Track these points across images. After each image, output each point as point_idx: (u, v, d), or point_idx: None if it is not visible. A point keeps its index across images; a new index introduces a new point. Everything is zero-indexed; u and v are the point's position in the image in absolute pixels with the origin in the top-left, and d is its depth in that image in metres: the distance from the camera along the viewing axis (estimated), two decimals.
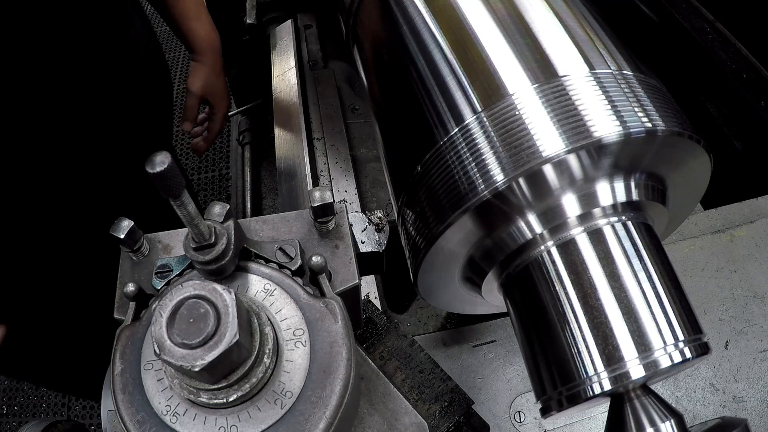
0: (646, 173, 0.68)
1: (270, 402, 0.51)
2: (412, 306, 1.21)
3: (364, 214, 0.86)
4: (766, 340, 1.01)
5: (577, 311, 0.62)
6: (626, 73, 0.67)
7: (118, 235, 0.58)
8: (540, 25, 0.72)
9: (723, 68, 1.42)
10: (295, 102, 1.32)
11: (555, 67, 0.67)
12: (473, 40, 0.73)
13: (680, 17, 1.53)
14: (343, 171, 1.40)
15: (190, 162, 3.57)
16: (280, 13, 1.61)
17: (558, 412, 0.63)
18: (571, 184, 0.64)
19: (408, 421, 0.64)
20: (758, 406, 0.96)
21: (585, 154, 0.61)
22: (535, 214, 0.66)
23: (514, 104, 0.65)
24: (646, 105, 0.64)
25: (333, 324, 0.54)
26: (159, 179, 0.43)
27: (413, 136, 0.76)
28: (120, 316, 0.59)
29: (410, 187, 0.73)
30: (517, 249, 0.68)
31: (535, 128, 0.62)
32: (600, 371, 0.59)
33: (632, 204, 0.67)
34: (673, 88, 0.75)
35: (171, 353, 0.44)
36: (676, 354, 0.58)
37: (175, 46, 4.31)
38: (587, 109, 0.62)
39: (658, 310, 0.60)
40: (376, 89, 0.95)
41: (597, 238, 0.65)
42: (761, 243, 1.11)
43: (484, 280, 0.74)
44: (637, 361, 0.58)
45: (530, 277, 0.67)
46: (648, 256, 0.64)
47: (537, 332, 0.66)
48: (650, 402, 0.60)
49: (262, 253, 0.59)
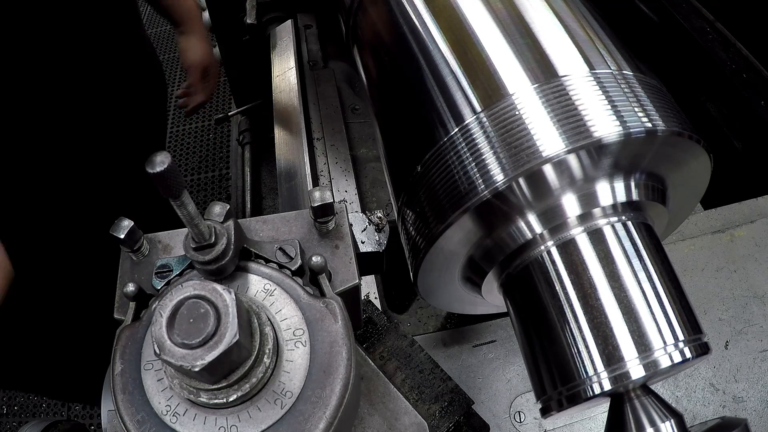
0: (646, 173, 0.68)
1: (270, 402, 0.51)
2: (412, 306, 1.21)
3: (364, 214, 0.86)
4: (766, 340, 1.01)
5: (577, 311, 0.62)
6: (626, 73, 0.67)
7: (118, 235, 0.58)
8: (540, 25, 0.72)
9: (723, 68, 1.42)
10: (295, 102, 1.32)
11: (555, 67, 0.67)
12: (473, 40, 0.73)
13: (680, 17, 1.53)
14: (343, 171, 1.40)
15: (189, 162, 3.57)
16: (280, 13, 1.61)
17: (558, 412, 0.63)
18: (571, 184, 0.64)
19: (408, 421, 0.64)
20: (758, 406, 0.96)
21: (585, 154, 0.61)
22: (535, 214, 0.66)
23: (514, 104, 0.64)
24: (646, 105, 0.64)
25: (333, 324, 0.54)
26: (159, 179, 0.43)
27: (413, 135, 0.76)
28: (120, 316, 0.59)
29: (410, 187, 0.73)
30: (517, 249, 0.68)
31: (535, 128, 0.62)
32: (600, 371, 0.59)
33: (632, 204, 0.67)
34: (673, 88, 0.75)
35: (171, 353, 0.44)
36: (676, 354, 0.58)
37: (173, 48, 4.31)
38: (587, 109, 0.62)
39: (658, 310, 0.60)
40: (376, 89, 0.94)
41: (597, 238, 0.65)
42: (761, 243, 1.11)
43: (484, 280, 0.74)
44: (637, 361, 0.58)
45: (530, 277, 0.67)
46: (648, 256, 0.64)
47: (537, 332, 0.66)
48: (650, 402, 0.59)
49: (262, 253, 0.59)
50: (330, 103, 1.55)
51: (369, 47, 0.97)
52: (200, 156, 3.59)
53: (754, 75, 1.39)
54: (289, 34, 1.52)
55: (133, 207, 1.01)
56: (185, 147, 3.66)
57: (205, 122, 3.78)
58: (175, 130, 3.78)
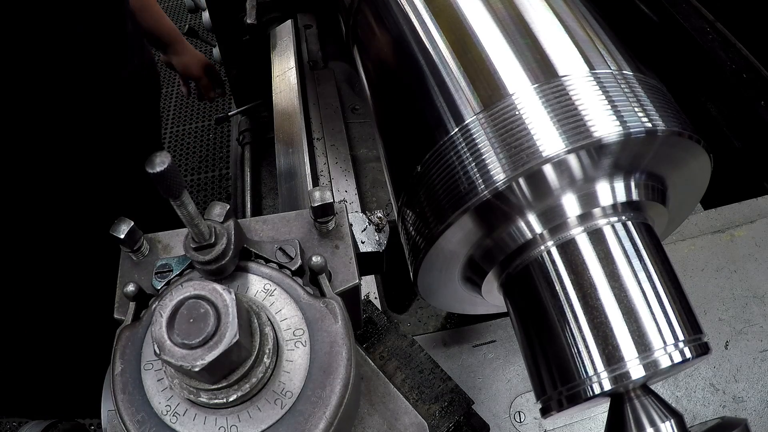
0: (646, 173, 0.68)
1: (270, 402, 0.51)
2: (412, 306, 1.21)
3: (364, 214, 0.86)
4: (766, 340, 1.01)
5: (577, 311, 0.62)
6: (626, 73, 0.67)
7: (118, 235, 0.58)
8: (540, 25, 0.72)
9: (723, 68, 1.42)
10: (295, 102, 1.32)
11: (555, 67, 0.67)
12: (473, 40, 0.73)
13: (680, 17, 1.53)
14: (343, 171, 1.41)
15: (189, 162, 3.57)
16: (280, 14, 1.61)
17: (558, 412, 0.63)
18: (571, 184, 0.64)
19: (408, 421, 0.63)
20: (758, 406, 0.96)
21: (585, 154, 0.61)
22: (535, 214, 0.66)
23: (514, 104, 0.65)
24: (646, 105, 0.64)
25: (333, 324, 0.54)
26: (159, 179, 0.43)
27: (413, 135, 0.76)
28: (120, 316, 0.59)
29: (410, 187, 0.73)
30: (517, 249, 0.68)
31: (535, 128, 0.62)
32: (600, 371, 0.59)
33: (632, 204, 0.67)
34: (673, 88, 0.75)
35: (171, 353, 0.44)
36: (676, 354, 0.58)
37: None
38: (587, 109, 0.62)
39: (658, 310, 0.60)
40: (375, 89, 0.94)
41: (597, 238, 0.65)
42: (761, 243, 1.11)
43: (484, 280, 0.74)
44: (637, 361, 0.58)
45: (530, 277, 0.67)
46: (648, 256, 0.64)
47: (537, 332, 0.66)
48: (650, 402, 0.60)
49: (262, 253, 0.59)
50: (330, 103, 1.55)
51: (369, 47, 0.97)
52: (200, 156, 3.60)
53: (754, 75, 1.39)
54: (289, 34, 1.52)
55: (130, 207, 1.01)
56: (185, 147, 3.65)
57: (205, 122, 3.78)
58: (175, 130, 3.78)
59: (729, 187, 1.28)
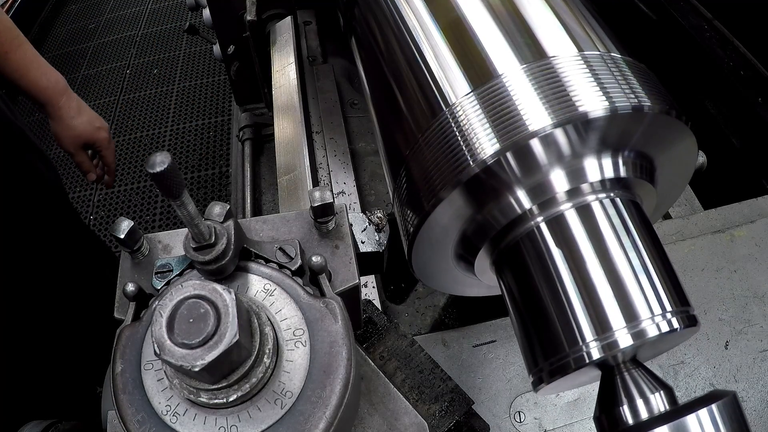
0: (634, 152, 0.69)
1: (270, 402, 0.51)
2: (409, 297, 1.21)
3: (364, 214, 0.86)
4: (766, 340, 1.01)
5: (567, 284, 0.63)
6: (615, 55, 0.69)
7: (118, 235, 0.58)
8: (530, 9, 0.73)
9: (721, 66, 1.42)
10: (294, 97, 1.32)
11: (544, 47, 0.68)
12: (464, 24, 0.75)
13: (678, 15, 1.53)
14: (342, 164, 1.41)
15: (189, 160, 3.57)
16: (280, 10, 1.60)
17: (548, 384, 0.64)
18: (559, 159, 0.65)
19: (408, 421, 0.63)
20: (758, 406, 0.96)
21: (572, 128, 0.62)
22: (524, 190, 0.67)
23: (504, 84, 0.66)
24: (634, 85, 0.65)
25: (333, 324, 0.54)
26: (159, 179, 0.43)
27: (406, 117, 0.78)
28: (120, 316, 0.58)
29: (404, 167, 0.74)
30: (507, 225, 0.69)
31: (523, 105, 0.63)
32: (589, 341, 0.60)
33: (620, 181, 0.68)
34: (671, 86, 0.75)
35: (171, 353, 0.44)
36: (663, 324, 0.59)
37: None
38: (574, 87, 0.63)
39: (646, 283, 0.61)
40: (371, 76, 0.96)
41: (586, 214, 0.66)
42: (761, 243, 1.11)
43: (477, 257, 0.75)
44: (625, 330, 0.58)
45: (521, 253, 0.68)
46: (636, 231, 0.65)
47: (528, 307, 0.67)
48: (640, 374, 0.61)
49: (262, 253, 0.59)
50: (329, 98, 1.55)
51: (365, 36, 0.98)
52: (200, 154, 3.58)
53: (751, 73, 1.39)
54: (289, 30, 1.51)
55: None
56: (185, 145, 3.65)
57: (205, 120, 3.77)
58: (175, 128, 3.77)
59: (728, 187, 1.28)
